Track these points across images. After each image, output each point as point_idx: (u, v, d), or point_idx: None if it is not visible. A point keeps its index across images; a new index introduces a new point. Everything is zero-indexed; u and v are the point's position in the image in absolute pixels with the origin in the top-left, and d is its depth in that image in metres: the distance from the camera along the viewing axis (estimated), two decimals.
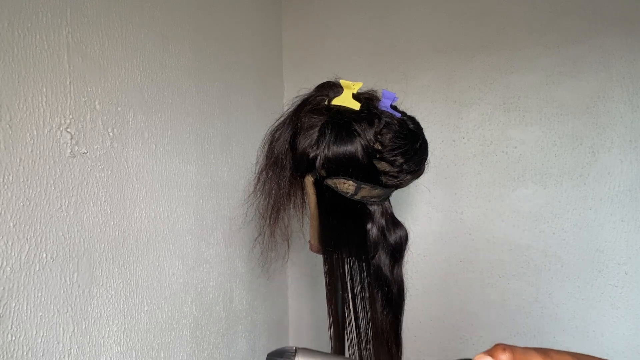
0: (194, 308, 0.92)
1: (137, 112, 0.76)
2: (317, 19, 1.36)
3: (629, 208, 1.04)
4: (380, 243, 0.66)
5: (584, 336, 1.10)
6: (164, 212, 0.83)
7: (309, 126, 0.64)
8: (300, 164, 0.65)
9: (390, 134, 0.62)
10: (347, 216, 0.66)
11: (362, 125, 0.61)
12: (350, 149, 0.61)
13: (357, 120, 0.61)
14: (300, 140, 0.64)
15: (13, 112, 0.54)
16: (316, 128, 0.63)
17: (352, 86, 0.64)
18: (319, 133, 0.63)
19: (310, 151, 0.63)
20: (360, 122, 0.61)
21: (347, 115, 0.62)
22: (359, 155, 0.61)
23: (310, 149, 0.63)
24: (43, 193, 0.58)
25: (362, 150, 0.61)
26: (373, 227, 0.66)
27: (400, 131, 0.63)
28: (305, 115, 0.65)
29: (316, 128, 0.63)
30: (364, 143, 0.61)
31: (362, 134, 0.61)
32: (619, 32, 1.03)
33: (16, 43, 0.55)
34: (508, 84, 1.14)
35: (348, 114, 0.62)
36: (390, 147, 0.62)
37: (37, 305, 0.58)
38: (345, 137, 0.61)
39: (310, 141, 0.63)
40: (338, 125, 0.61)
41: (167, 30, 0.84)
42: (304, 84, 0.73)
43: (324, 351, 0.45)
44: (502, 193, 1.16)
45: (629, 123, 1.03)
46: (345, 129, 0.61)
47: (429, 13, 1.22)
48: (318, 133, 0.63)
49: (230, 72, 1.07)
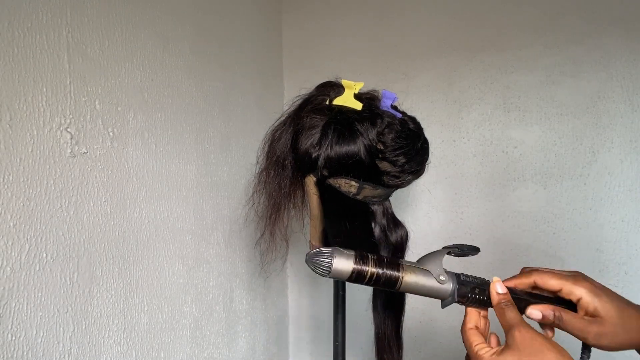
0: (194, 308, 0.92)
1: (137, 112, 0.76)
2: (317, 19, 1.36)
3: (629, 208, 1.04)
4: (381, 243, 0.66)
5: None
6: (164, 212, 0.83)
7: (311, 126, 0.64)
8: (302, 164, 0.65)
9: (392, 134, 0.62)
10: (349, 216, 0.66)
11: (365, 125, 0.61)
12: (353, 148, 0.61)
13: (359, 120, 0.61)
14: (301, 140, 0.64)
15: (13, 112, 0.54)
16: (318, 128, 0.63)
17: (353, 86, 0.64)
18: (321, 133, 0.62)
19: (312, 151, 0.63)
20: (363, 122, 0.61)
21: (349, 115, 0.62)
22: (362, 155, 0.61)
23: (312, 149, 0.63)
24: (43, 193, 0.58)
25: (364, 150, 0.61)
26: (375, 226, 0.66)
27: (402, 131, 0.63)
28: (306, 115, 0.65)
29: (318, 128, 0.63)
30: (366, 143, 0.61)
31: (365, 134, 0.61)
32: (619, 32, 1.03)
33: (16, 43, 0.55)
34: (508, 84, 1.14)
35: (350, 113, 0.62)
36: (393, 147, 0.62)
37: (37, 305, 0.58)
38: (348, 137, 0.61)
39: (312, 141, 0.63)
40: (340, 125, 0.61)
41: (167, 30, 0.84)
42: (304, 84, 0.72)
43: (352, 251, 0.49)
44: (502, 193, 1.16)
45: (629, 123, 1.03)
46: (348, 128, 0.61)
47: (429, 13, 1.22)
48: (320, 133, 0.63)
49: (230, 72, 1.07)
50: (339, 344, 0.76)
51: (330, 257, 0.48)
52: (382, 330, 0.69)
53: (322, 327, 1.41)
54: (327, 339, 1.38)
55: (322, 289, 1.40)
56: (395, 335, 0.70)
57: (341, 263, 0.47)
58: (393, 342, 0.69)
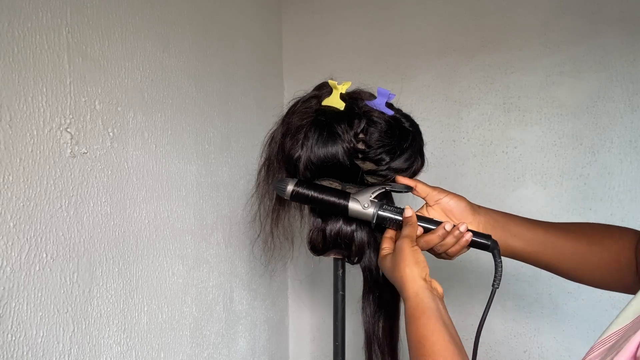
0: (194, 308, 0.92)
1: (137, 112, 0.76)
2: (317, 19, 1.36)
3: (629, 208, 1.04)
4: (365, 244, 0.65)
5: (584, 336, 1.10)
6: (164, 212, 0.83)
7: (297, 128, 0.64)
8: (289, 166, 0.65)
9: (377, 133, 0.62)
10: (334, 217, 0.66)
11: (342, 127, 0.61)
12: (332, 150, 0.60)
13: (337, 121, 0.61)
14: (287, 142, 0.64)
15: (13, 112, 0.54)
16: (303, 130, 0.63)
17: (338, 86, 0.64)
18: (304, 135, 0.62)
19: (294, 153, 0.63)
20: (341, 123, 0.61)
21: (330, 116, 0.62)
22: (340, 156, 0.60)
23: (294, 151, 0.63)
24: (43, 193, 0.58)
25: (342, 151, 0.60)
26: (359, 228, 0.65)
27: (388, 130, 0.62)
28: (295, 117, 0.65)
29: (303, 130, 0.63)
30: (344, 145, 0.60)
31: (343, 135, 0.60)
32: (619, 32, 1.03)
33: (16, 43, 0.55)
34: (508, 84, 1.14)
35: (331, 114, 0.62)
36: (376, 146, 0.62)
37: (37, 305, 0.58)
38: (326, 138, 0.60)
39: (295, 143, 0.63)
40: (320, 127, 0.61)
41: (167, 30, 0.84)
42: (304, 84, 0.73)
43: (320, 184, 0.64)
44: (502, 193, 1.16)
45: (629, 123, 1.03)
46: (327, 130, 0.61)
47: (429, 13, 1.22)
48: (303, 135, 0.62)
49: (230, 72, 1.07)
50: (339, 344, 0.76)
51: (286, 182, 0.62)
52: (372, 333, 0.66)
53: (322, 327, 1.41)
54: (327, 339, 1.38)
55: (322, 289, 1.40)
56: (389, 339, 0.66)
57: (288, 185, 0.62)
58: (386, 348, 0.66)
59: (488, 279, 1.18)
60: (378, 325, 0.66)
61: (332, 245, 0.66)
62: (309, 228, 0.68)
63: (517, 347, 1.17)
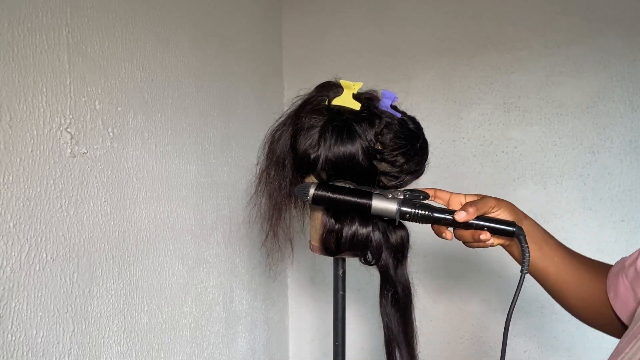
0: (194, 308, 0.92)
1: (137, 112, 0.76)
2: (317, 19, 1.36)
3: (629, 208, 1.04)
4: (382, 244, 0.66)
5: (584, 336, 1.10)
6: (164, 212, 0.83)
7: (310, 127, 0.64)
8: (301, 165, 0.65)
9: (391, 134, 0.62)
10: (349, 217, 0.66)
11: (363, 126, 0.61)
12: (351, 149, 0.61)
13: (357, 121, 0.61)
14: (300, 141, 0.64)
15: (13, 112, 0.54)
16: (317, 129, 0.63)
17: (352, 86, 0.64)
18: (319, 134, 0.62)
19: (311, 152, 0.63)
20: (361, 122, 0.61)
21: (348, 116, 0.62)
22: (360, 156, 0.61)
23: (311, 150, 0.63)
24: (43, 193, 0.58)
25: (362, 151, 0.61)
26: (375, 228, 0.66)
27: (401, 131, 0.63)
28: (305, 116, 0.65)
29: (317, 129, 0.63)
30: (364, 144, 0.61)
31: (363, 135, 0.61)
32: (619, 32, 1.03)
33: (16, 43, 0.55)
34: (508, 84, 1.14)
35: (348, 114, 0.62)
36: (391, 147, 0.62)
37: (37, 305, 0.58)
38: (346, 137, 0.61)
39: (310, 142, 0.63)
40: (339, 126, 0.61)
41: (167, 30, 0.84)
42: (304, 84, 0.72)
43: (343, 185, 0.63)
44: (502, 193, 1.15)
45: (629, 123, 1.04)
46: (346, 129, 0.61)
47: (429, 13, 1.22)
48: (319, 134, 0.63)
49: (230, 72, 1.07)
50: (339, 344, 0.76)
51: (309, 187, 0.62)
52: (392, 330, 0.68)
53: (322, 327, 1.41)
54: (327, 339, 1.38)
55: (322, 288, 1.40)
56: (410, 335, 0.69)
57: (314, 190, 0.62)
58: (402, 344, 0.68)
59: (488, 278, 1.18)
60: (397, 321, 0.68)
61: (348, 247, 0.66)
62: (322, 230, 0.68)
63: (517, 347, 1.17)
